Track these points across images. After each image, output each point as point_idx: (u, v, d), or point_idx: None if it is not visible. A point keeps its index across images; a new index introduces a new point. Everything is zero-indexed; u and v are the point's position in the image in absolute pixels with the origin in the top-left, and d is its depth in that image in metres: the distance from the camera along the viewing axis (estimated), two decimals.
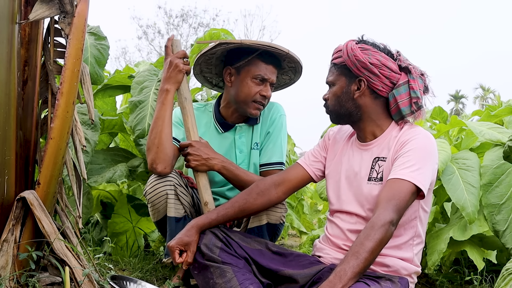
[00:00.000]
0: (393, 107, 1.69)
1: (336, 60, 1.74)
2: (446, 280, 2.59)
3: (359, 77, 1.69)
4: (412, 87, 1.67)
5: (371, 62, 1.65)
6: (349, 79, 1.71)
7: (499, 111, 2.90)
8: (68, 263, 1.70)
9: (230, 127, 2.21)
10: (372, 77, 1.67)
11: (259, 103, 2.09)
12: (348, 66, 1.69)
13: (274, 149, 2.20)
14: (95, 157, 2.92)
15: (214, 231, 1.74)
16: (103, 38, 3.13)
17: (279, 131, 2.22)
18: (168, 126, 2.02)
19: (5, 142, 1.68)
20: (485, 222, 2.40)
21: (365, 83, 1.69)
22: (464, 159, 2.51)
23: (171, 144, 2.04)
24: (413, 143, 1.62)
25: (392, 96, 1.68)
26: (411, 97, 1.67)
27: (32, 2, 1.80)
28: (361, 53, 1.66)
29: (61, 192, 1.88)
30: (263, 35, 22.82)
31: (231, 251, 1.70)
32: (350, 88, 1.71)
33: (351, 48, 1.68)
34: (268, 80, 2.07)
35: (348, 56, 1.68)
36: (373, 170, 1.69)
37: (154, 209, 2.10)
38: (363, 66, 1.66)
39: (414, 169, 1.57)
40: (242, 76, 2.09)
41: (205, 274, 1.66)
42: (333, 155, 1.86)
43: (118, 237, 3.05)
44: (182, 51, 2.03)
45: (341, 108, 1.73)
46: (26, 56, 1.82)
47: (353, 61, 1.67)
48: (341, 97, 1.73)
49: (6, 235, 1.66)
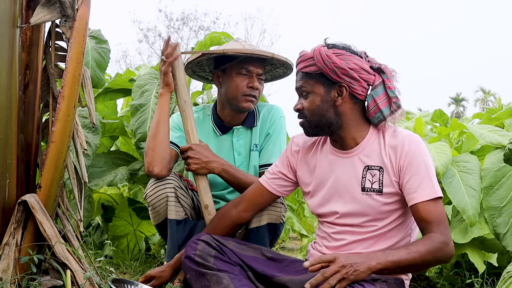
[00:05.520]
0: (372, 109, 1.63)
1: (307, 68, 1.64)
2: (447, 283, 2.59)
3: (339, 83, 1.62)
4: (389, 86, 1.63)
5: (350, 67, 1.60)
6: (327, 87, 1.63)
7: (499, 114, 2.91)
8: (69, 266, 1.70)
9: (228, 130, 2.22)
10: (353, 82, 1.61)
11: (249, 96, 2.10)
12: (326, 74, 1.61)
13: (273, 150, 2.20)
14: (96, 160, 2.93)
15: (207, 240, 1.72)
16: (104, 41, 3.13)
17: (279, 132, 2.23)
18: (164, 129, 2.03)
19: (6, 146, 1.68)
20: (486, 225, 2.40)
21: (346, 89, 1.62)
22: (464, 162, 2.51)
23: (167, 147, 2.04)
24: (417, 154, 1.60)
25: (370, 98, 1.63)
26: (389, 97, 1.63)
27: (33, 6, 1.81)
28: (338, 59, 1.60)
29: (62, 195, 1.88)
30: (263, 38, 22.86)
31: (225, 258, 1.70)
32: (330, 96, 1.64)
33: (326, 55, 1.60)
34: (253, 72, 2.08)
35: (325, 63, 1.60)
36: (365, 179, 1.65)
37: (154, 212, 2.10)
38: (343, 73, 1.60)
39: (431, 182, 1.58)
40: (228, 74, 2.11)
41: (202, 282, 1.66)
42: (305, 167, 1.80)
43: (119, 240, 3.05)
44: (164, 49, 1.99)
45: (321, 118, 1.65)
46: (27, 60, 1.83)
47: (332, 68, 1.59)
48: (320, 106, 1.64)
49: (7, 238, 1.67)
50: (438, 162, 2.38)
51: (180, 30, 23.06)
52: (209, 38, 3.10)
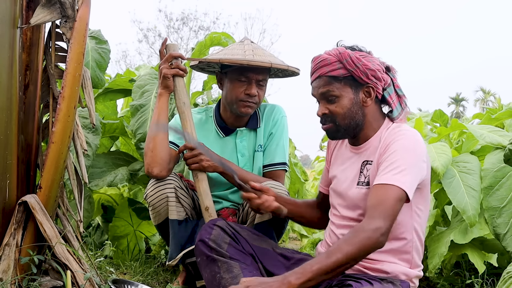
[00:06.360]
0: (391, 105, 1.69)
1: (334, 72, 1.64)
2: (447, 283, 2.59)
3: (366, 84, 1.65)
4: (397, 85, 1.70)
5: (376, 68, 1.64)
6: (355, 89, 1.65)
7: (499, 114, 2.91)
8: (69, 267, 1.71)
9: (231, 131, 2.22)
10: (378, 83, 1.65)
11: (246, 102, 2.10)
12: (356, 76, 1.63)
13: (277, 149, 2.22)
14: (96, 161, 2.92)
15: (222, 226, 1.74)
16: (104, 42, 3.13)
17: (282, 132, 2.24)
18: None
19: (6, 146, 1.68)
20: (486, 225, 2.40)
21: (373, 90, 1.65)
22: (464, 162, 2.51)
23: (166, 148, 2.04)
24: (396, 145, 1.59)
25: (387, 95, 1.68)
26: (398, 95, 1.69)
27: (33, 7, 1.81)
28: (366, 60, 1.63)
29: (63, 196, 1.88)
30: (263, 38, 22.81)
31: (239, 246, 1.71)
32: (359, 97, 1.66)
33: (356, 57, 1.62)
34: (252, 79, 2.08)
35: (356, 66, 1.61)
36: (361, 174, 1.68)
37: (155, 212, 2.11)
38: (372, 74, 1.63)
39: (397, 172, 1.53)
40: (229, 78, 2.12)
41: (212, 268, 1.67)
42: (334, 160, 1.85)
43: (119, 240, 3.05)
44: (169, 55, 2.01)
45: (351, 120, 1.67)
46: (27, 61, 1.83)
47: (363, 70, 1.62)
48: (351, 109, 1.65)
49: (7, 239, 1.67)
50: (438, 163, 2.38)
51: (180, 30, 23.08)
52: (209, 38, 3.10)
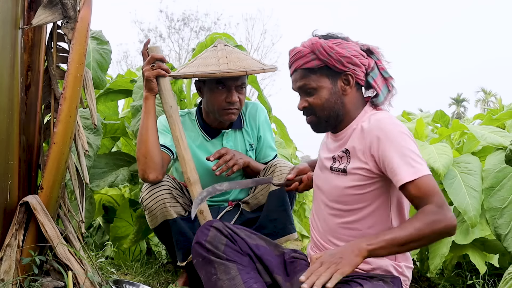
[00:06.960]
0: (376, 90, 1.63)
1: (308, 64, 1.61)
2: (448, 284, 2.59)
3: (344, 72, 1.60)
4: (382, 67, 1.64)
5: (352, 55, 1.59)
6: (332, 78, 1.61)
7: (501, 115, 2.91)
8: (71, 267, 1.71)
9: (217, 134, 2.23)
10: (356, 69, 1.60)
11: (228, 110, 2.10)
12: (331, 65, 1.59)
13: (267, 148, 2.31)
14: (97, 161, 2.93)
15: (218, 227, 1.70)
16: (105, 42, 3.13)
17: (267, 130, 2.31)
18: (153, 134, 2.01)
19: (8, 147, 1.68)
20: (487, 226, 2.40)
21: (352, 77, 1.61)
22: (466, 163, 2.51)
23: (158, 152, 2.03)
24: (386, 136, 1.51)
25: (371, 79, 1.63)
26: (384, 77, 1.64)
27: (35, 7, 1.81)
28: (339, 48, 1.59)
29: (64, 196, 1.88)
30: (264, 39, 22.89)
31: (236, 247, 1.68)
32: (337, 87, 1.62)
33: (328, 46, 1.58)
34: (231, 86, 2.07)
35: (329, 55, 1.58)
36: (335, 160, 1.64)
37: (151, 215, 2.10)
38: (348, 61, 1.58)
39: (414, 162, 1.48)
40: (208, 86, 2.11)
41: (208, 269, 1.65)
42: (321, 151, 1.82)
43: (120, 241, 3.05)
44: (151, 56, 1.97)
45: (331, 111, 1.63)
46: (29, 61, 1.83)
47: (337, 58, 1.57)
48: (330, 99, 1.62)
49: (9, 239, 1.67)
50: (439, 163, 2.38)
51: (181, 31, 23.13)
52: (210, 39, 3.10)
